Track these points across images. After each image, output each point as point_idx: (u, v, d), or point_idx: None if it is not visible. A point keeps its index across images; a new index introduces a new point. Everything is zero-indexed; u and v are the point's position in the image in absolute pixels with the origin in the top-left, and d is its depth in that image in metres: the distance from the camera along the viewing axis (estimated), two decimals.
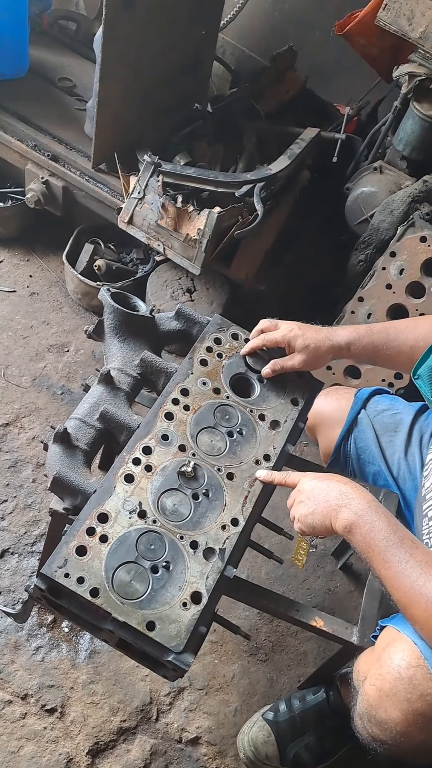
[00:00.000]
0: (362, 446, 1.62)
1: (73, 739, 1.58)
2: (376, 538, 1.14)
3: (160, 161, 2.13)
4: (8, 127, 2.43)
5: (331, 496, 1.19)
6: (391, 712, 1.14)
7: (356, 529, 1.15)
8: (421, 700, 1.11)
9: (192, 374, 1.45)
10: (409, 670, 1.13)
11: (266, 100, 2.68)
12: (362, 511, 1.16)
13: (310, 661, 1.83)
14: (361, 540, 1.15)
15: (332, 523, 1.18)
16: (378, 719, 1.17)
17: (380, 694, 1.16)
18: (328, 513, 1.18)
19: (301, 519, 1.22)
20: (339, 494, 1.19)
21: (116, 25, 2.00)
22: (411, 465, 1.55)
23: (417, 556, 1.11)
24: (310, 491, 1.23)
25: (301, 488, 1.25)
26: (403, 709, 1.13)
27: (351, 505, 1.17)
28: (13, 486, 1.96)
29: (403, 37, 2.09)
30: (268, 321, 1.50)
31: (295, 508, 1.24)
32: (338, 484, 1.22)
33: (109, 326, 1.53)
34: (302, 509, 1.22)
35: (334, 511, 1.18)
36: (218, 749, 1.64)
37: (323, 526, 1.20)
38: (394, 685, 1.14)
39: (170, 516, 1.25)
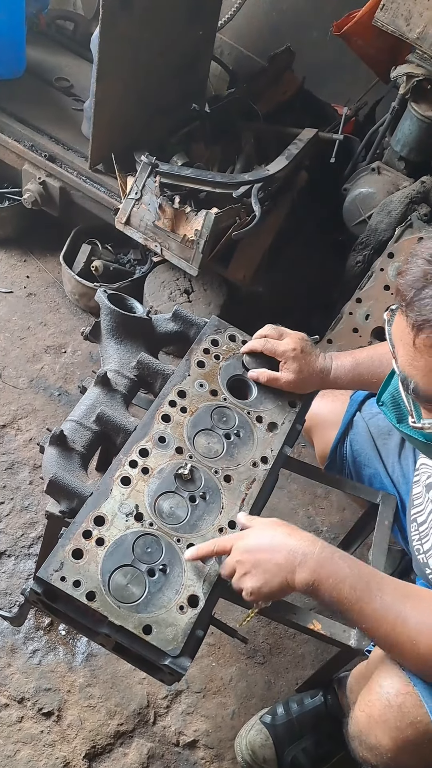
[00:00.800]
0: (358, 449, 1.61)
1: (69, 742, 1.57)
2: (342, 590, 1.07)
3: (157, 162, 2.12)
4: (5, 128, 2.42)
5: (279, 558, 1.09)
6: (381, 738, 1.14)
7: (319, 586, 1.08)
8: (411, 728, 1.10)
9: (189, 376, 1.45)
10: (398, 698, 1.12)
11: (264, 100, 2.68)
12: (318, 565, 1.08)
13: (308, 663, 1.82)
14: (327, 597, 1.08)
15: (290, 585, 1.10)
16: (368, 744, 1.17)
17: (370, 720, 1.16)
18: (283, 578, 1.09)
19: (254, 592, 1.11)
20: (287, 553, 1.09)
21: (113, 25, 1.99)
22: (405, 468, 1.55)
23: (387, 597, 1.07)
24: (252, 558, 1.11)
25: (240, 558, 1.12)
26: (393, 737, 1.12)
27: (305, 563, 1.08)
28: (10, 488, 1.95)
29: (400, 38, 2.09)
30: (273, 328, 1.48)
31: (241, 582, 1.12)
32: (280, 538, 1.11)
33: (105, 328, 1.53)
34: (252, 582, 1.10)
35: (290, 574, 1.09)
36: (216, 752, 1.63)
37: (281, 592, 1.11)
38: (383, 713, 1.13)
39: (167, 519, 1.25)
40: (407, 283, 0.98)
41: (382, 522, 1.49)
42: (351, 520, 2.06)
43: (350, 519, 2.12)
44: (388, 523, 1.48)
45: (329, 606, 1.10)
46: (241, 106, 2.62)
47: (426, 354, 0.97)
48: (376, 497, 1.54)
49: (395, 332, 1.04)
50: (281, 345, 1.44)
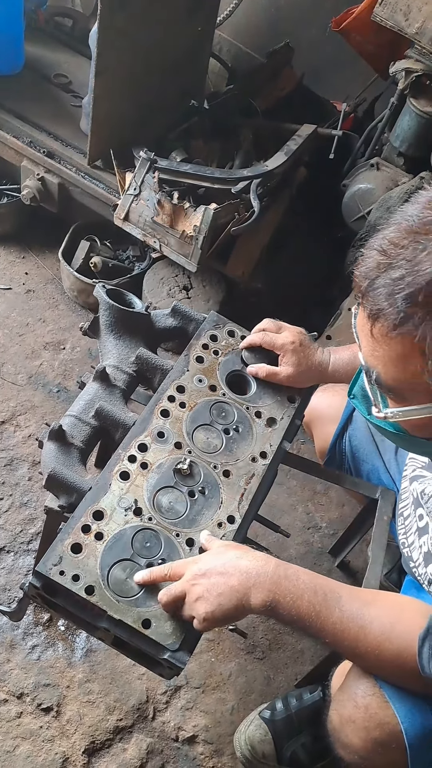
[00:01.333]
0: (357, 444, 1.62)
1: (69, 738, 1.57)
2: (300, 608, 1.06)
3: (156, 158, 2.12)
4: (4, 124, 2.42)
5: (233, 581, 1.07)
6: (351, 738, 1.14)
7: (276, 606, 1.06)
8: (379, 729, 1.10)
9: (188, 371, 1.45)
10: (365, 699, 1.12)
11: (262, 96, 2.67)
12: (274, 584, 1.06)
13: (307, 659, 1.82)
14: (286, 615, 1.06)
15: (246, 608, 1.07)
16: (341, 743, 1.18)
17: (341, 720, 1.16)
18: (238, 600, 1.06)
19: (207, 618, 1.07)
20: (241, 574, 1.07)
21: (111, 21, 1.99)
22: (400, 465, 1.55)
23: (345, 608, 1.06)
24: (206, 583, 1.07)
25: (192, 581, 1.09)
26: (362, 737, 1.13)
27: (261, 582, 1.06)
28: (9, 484, 1.95)
29: (399, 33, 2.08)
30: (272, 322, 1.49)
31: (192, 608, 1.08)
32: (235, 560, 1.09)
33: (104, 323, 1.52)
34: (205, 607, 1.06)
35: (245, 597, 1.06)
36: (215, 748, 1.63)
37: (236, 614, 1.07)
38: (352, 713, 1.14)
39: (166, 513, 1.25)
40: (362, 274, 0.98)
41: (381, 517, 1.49)
42: (350, 516, 2.06)
43: (349, 515, 2.12)
44: (387, 518, 1.49)
45: (290, 624, 1.08)
46: (239, 102, 2.62)
47: (383, 343, 0.97)
48: (375, 492, 1.54)
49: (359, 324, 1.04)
50: (280, 338, 1.44)
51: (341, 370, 1.45)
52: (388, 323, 0.93)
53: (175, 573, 1.13)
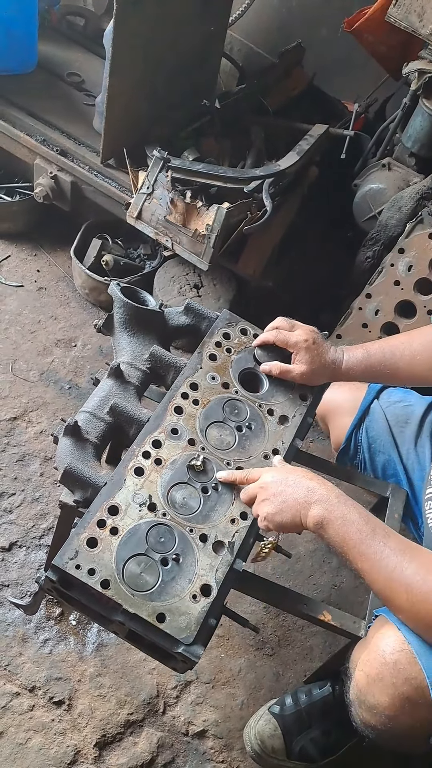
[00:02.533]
0: (374, 435, 1.63)
1: (80, 731, 1.59)
2: (349, 531, 1.12)
3: (169, 156, 2.13)
4: (17, 122, 2.43)
5: (298, 494, 1.17)
6: (378, 696, 1.16)
7: (328, 524, 1.14)
8: (407, 684, 1.12)
9: (201, 369, 1.46)
10: (393, 655, 1.14)
11: (273, 96, 2.68)
12: (332, 506, 1.14)
13: (316, 655, 1.83)
14: (334, 535, 1.13)
15: (302, 521, 1.16)
16: (367, 704, 1.19)
17: (368, 680, 1.18)
18: (297, 510, 1.16)
19: (268, 518, 1.18)
20: (306, 490, 1.17)
21: (126, 20, 2.00)
22: (420, 456, 1.56)
23: (391, 544, 1.11)
24: (275, 489, 1.19)
25: (264, 485, 1.21)
26: (390, 694, 1.14)
27: (320, 501, 1.15)
28: (21, 480, 1.97)
29: (413, 34, 2.08)
30: (285, 320, 1.50)
31: (259, 507, 1.21)
32: (304, 479, 1.19)
33: (118, 320, 1.54)
34: (268, 508, 1.18)
35: (304, 509, 1.16)
36: (225, 742, 1.64)
37: (293, 524, 1.17)
38: (380, 670, 1.15)
39: (180, 509, 1.26)
40: None
41: (392, 515, 1.50)
42: None
43: None
44: (398, 516, 1.50)
45: (334, 546, 1.15)
46: (251, 101, 2.62)
47: None
48: (386, 490, 1.55)
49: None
50: (293, 336, 1.45)
51: (355, 368, 1.46)
52: None
53: (252, 477, 1.26)
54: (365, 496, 2.14)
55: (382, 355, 1.46)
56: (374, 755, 1.41)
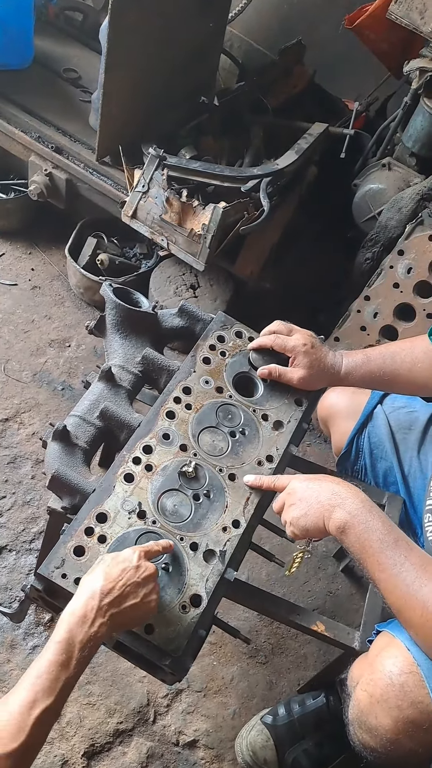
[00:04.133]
0: (376, 441, 1.59)
1: (68, 740, 1.56)
2: (370, 539, 1.10)
3: (165, 154, 2.10)
4: (12, 119, 2.40)
5: (323, 497, 1.16)
6: (381, 718, 1.12)
7: (350, 529, 1.12)
8: (412, 708, 1.09)
9: (194, 372, 1.43)
10: (401, 677, 1.11)
11: (274, 94, 2.65)
12: (356, 511, 1.12)
13: (310, 664, 1.80)
14: (355, 541, 1.11)
15: (325, 524, 1.14)
16: (368, 725, 1.15)
17: (371, 700, 1.14)
18: (321, 514, 1.14)
19: (293, 522, 1.17)
20: (331, 494, 1.15)
21: (123, 16, 1.96)
22: (423, 464, 1.53)
23: (412, 558, 1.08)
24: (301, 493, 1.18)
25: (291, 491, 1.20)
26: (394, 716, 1.11)
27: (344, 505, 1.13)
28: (12, 482, 1.94)
29: (414, 31, 2.05)
30: (282, 324, 1.48)
31: (286, 512, 1.20)
32: (330, 484, 1.18)
33: (110, 322, 1.51)
34: (294, 512, 1.17)
35: (327, 512, 1.14)
36: (216, 753, 1.61)
37: (316, 528, 1.15)
38: (385, 691, 1.12)
39: (170, 517, 1.23)
40: None
41: None
42: None
43: None
44: None
45: (354, 553, 1.13)
46: (250, 99, 2.59)
47: None
48: (383, 498, 1.52)
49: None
50: (291, 340, 1.42)
51: (354, 374, 1.43)
52: None
53: (280, 484, 1.25)
54: None
55: (382, 361, 1.43)
56: None
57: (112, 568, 1.05)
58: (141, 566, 1.06)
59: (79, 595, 1.03)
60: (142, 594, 1.04)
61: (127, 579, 1.04)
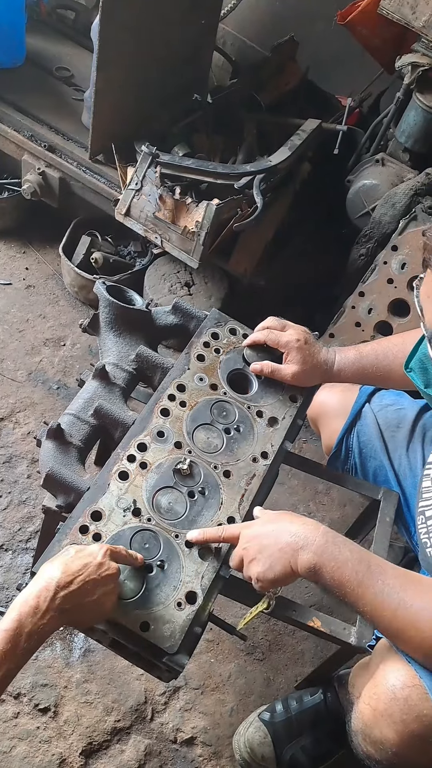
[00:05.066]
0: (365, 440, 1.59)
1: (66, 739, 1.56)
2: (344, 573, 1.07)
3: (158, 152, 2.09)
4: (4, 117, 2.39)
5: (282, 542, 1.11)
6: (386, 732, 1.12)
7: (321, 569, 1.08)
8: (417, 722, 1.08)
9: (189, 370, 1.43)
10: (404, 690, 1.10)
11: (267, 91, 2.64)
12: (321, 549, 1.09)
13: (307, 660, 1.81)
14: (330, 579, 1.08)
15: (293, 569, 1.10)
16: (372, 738, 1.15)
17: (375, 714, 1.14)
18: (287, 561, 1.10)
19: (260, 578, 1.12)
20: (290, 537, 1.11)
21: (114, 13, 1.96)
22: (412, 461, 1.53)
23: (389, 581, 1.07)
24: (256, 544, 1.12)
25: (246, 544, 1.14)
26: (398, 731, 1.10)
27: (308, 546, 1.09)
28: (8, 482, 1.93)
29: (406, 26, 2.05)
30: (276, 320, 1.47)
31: (248, 569, 1.13)
32: (286, 525, 1.13)
33: (104, 320, 1.50)
34: (257, 567, 1.11)
35: (293, 558, 1.10)
36: (213, 750, 1.61)
37: (285, 576, 1.11)
38: (389, 706, 1.11)
39: (165, 514, 1.23)
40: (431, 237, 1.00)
41: (384, 518, 1.47)
42: (352, 517, 2.04)
43: (351, 515, 2.10)
44: (389, 519, 1.46)
45: (331, 590, 1.10)
46: (243, 96, 2.58)
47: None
48: (378, 493, 1.52)
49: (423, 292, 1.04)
50: (284, 336, 1.42)
51: (347, 370, 1.43)
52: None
53: (229, 535, 1.17)
54: (358, 498, 2.11)
55: (374, 357, 1.43)
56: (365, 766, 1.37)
57: (74, 561, 1.03)
58: (104, 564, 1.04)
59: (35, 583, 1.01)
60: (99, 593, 1.02)
61: (87, 575, 1.01)
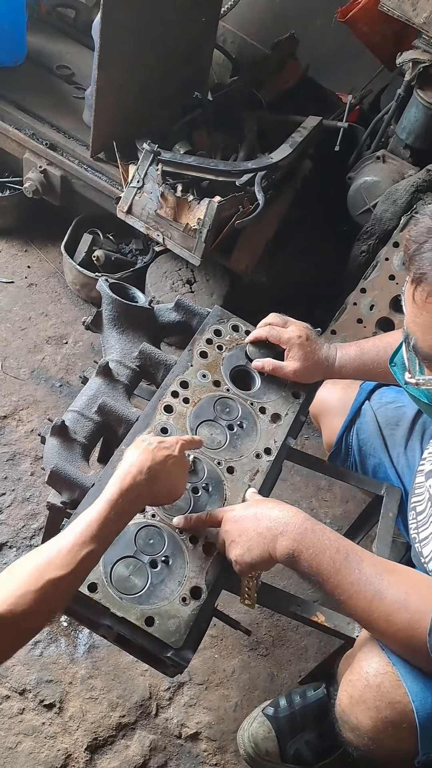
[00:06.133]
0: (364, 438, 1.60)
1: (71, 734, 1.56)
2: (321, 562, 1.08)
3: (159, 150, 2.10)
4: (6, 116, 2.39)
5: (262, 527, 1.11)
6: (361, 718, 1.13)
7: (299, 556, 1.09)
8: (390, 708, 1.09)
9: (192, 366, 1.43)
10: (377, 678, 1.11)
11: (267, 88, 2.64)
12: (300, 535, 1.09)
13: (311, 656, 1.81)
14: (307, 566, 1.09)
15: (271, 555, 1.11)
16: (350, 725, 1.16)
17: (351, 701, 1.15)
18: (265, 546, 1.10)
19: (238, 560, 1.13)
20: (270, 522, 1.11)
21: (115, 11, 1.96)
22: (410, 459, 1.53)
23: (366, 571, 1.07)
24: (237, 527, 1.13)
25: (227, 527, 1.15)
26: (372, 717, 1.11)
27: (287, 532, 1.10)
28: (12, 479, 1.94)
29: (406, 23, 2.05)
30: (278, 316, 1.48)
31: (228, 551, 1.14)
32: (266, 509, 1.14)
33: (107, 317, 1.51)
34: (237, 550, 1.12)
35: (271, 543, 1.10)
36: (218, 745, 1.62)
37: (263, 561, 1.12)
38: (363, 693, 1.13)
39: (169, 510, 1.23)
40: (411, 238, 1.01)
41: (386, 514, 1.47)
42: (355, 513, 2.05)
43: (354, 511, 2.10)
44: (392, 515, 1.47)
45: (308, 577, 1.11)
46: (243, 94, 2.59)
47: (424, 309, 0.99)
48: (381, 489, 1.52)
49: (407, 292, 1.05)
50: (286, 332, 1.42)
51: (348, 366, 1.44)
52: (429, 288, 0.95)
53: (213, 518, 1.19)
54: (360, 495, 2.12)
55: (376, 353, 1.43)
56: None
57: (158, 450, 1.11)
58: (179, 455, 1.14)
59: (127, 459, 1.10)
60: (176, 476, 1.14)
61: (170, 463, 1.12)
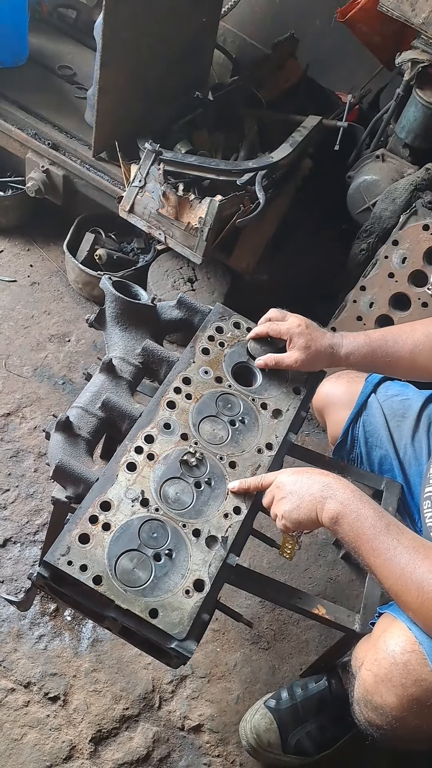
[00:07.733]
0: (370, 430, 1.62)
1: (75, 726, 1.58)
2: (363, 526, 1.13)
3: (161, 149, 2.12)
4: (8, 116, 2.41)
5: (314, 489, 1.18)
6: (386, 697, 1.15)
7: (343, 519, 1.14)
8: (416, 686, 1.11)
9: (194, 363, 1.45)
10: (404, 656, 1.13)
11: (267, 88, 2.66)
12: (347, 501, 1.15)
13: (312, 649, 1.83)
14: (349, 530, 1.14)
15: (318, 516, 1.17)
16: (374, 704, 1.18)
17: (376, 680, 1.17)
18: (314, 506, 1.17)
19: (285, 515, 1.20)
20: (322, 486, 1.18)
21: (117, 12, 1.98)
22: (417, 451, 1.55)
23: (404, 542, 1.11)
24: (291, 487, 1.21)
25: (280, 484, 1.23)
26: (398, 694, 1.13)
27: (335, 496, 1.16)
28: (15, 476, 1.96)
29: (406, 23, 2.07)
30: (277, 311, 1.50)
31: (276, 506, 1.22)
32: (319, 477, 1.20)
33: (110, 315, 1.53)
34: (285, 506, 1.20)
35: (320, 504, 1.17)
36: (220, 737, 1.64)
37: (309, 520, 1.18)
38: (389, 671, 1.14)
39: (172, 504, 1.25)
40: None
41: (386, 508, 1.49)
42: None
43: None
44: (392, 509, 1.49)
45: (347, 541, 1.16)
46: (244, 93, 2.61)
47: None
48: (380, 484, 1.54)
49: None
50: (285, 324, 1.45)
51: (356, 354, 1.44)
52: None
53: (267, 481, 1.27)
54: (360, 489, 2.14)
55: (384, 342, 1.44)
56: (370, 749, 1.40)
57: None
58: None
59: None
60: None
61: None
